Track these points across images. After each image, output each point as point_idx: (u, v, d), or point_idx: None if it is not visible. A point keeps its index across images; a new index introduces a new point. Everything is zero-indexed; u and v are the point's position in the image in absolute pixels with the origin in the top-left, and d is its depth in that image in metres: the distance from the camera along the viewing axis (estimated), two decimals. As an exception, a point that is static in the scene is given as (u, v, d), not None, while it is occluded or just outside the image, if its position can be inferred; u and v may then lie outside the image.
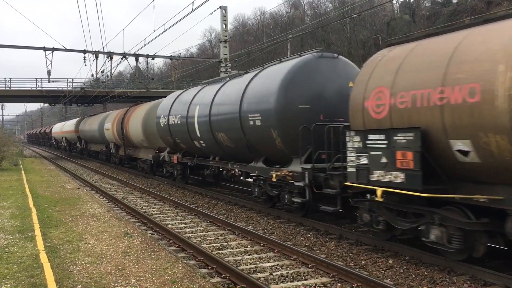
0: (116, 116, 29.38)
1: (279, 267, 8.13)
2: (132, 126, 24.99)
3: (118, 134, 27.86)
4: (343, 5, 52.41)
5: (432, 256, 7.98)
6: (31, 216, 12.32)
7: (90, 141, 39.90)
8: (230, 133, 13.81)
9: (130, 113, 26.31)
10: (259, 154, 13.01)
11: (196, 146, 16.92)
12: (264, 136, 12.03)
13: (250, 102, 12.66)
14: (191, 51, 77.68)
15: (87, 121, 40.52)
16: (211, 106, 14.95)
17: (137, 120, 24.09)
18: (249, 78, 13.52)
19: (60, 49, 27.99)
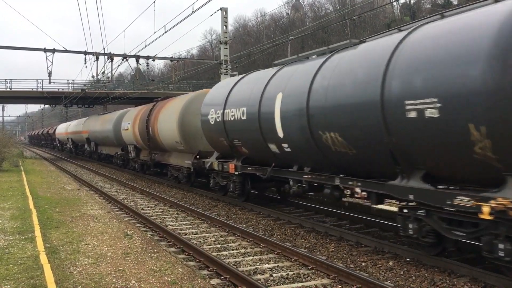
0: (139, 114, 24.71)
1: (279, 268, 8.13)
2: (162, 125, 20.45)
3: (142, 135, 23.36)
4: (344, 7, 52.43)
5: (433, 258, 7.97)
6: (31, 217, 12.32)
7: (102, 143, 35.32)
8: (353, 132, 8.81)
9: (159, 109, 21.77)
10: (414, 167, 7.83)
11: (270, 151, 12.04)
12: (444, 136, 6.96)
13: (412, 79, 7.40)
14: (191, 53, 77.79)
15: (98, 120, 35.77)
16: (310, 92, 9.97)
17: (170, 117, 19.40)
18: (396, 41, 8.20)
19: (61, 50, 28.02)
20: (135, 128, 24.46)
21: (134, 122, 24.97)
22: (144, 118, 22.94)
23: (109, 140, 31.90)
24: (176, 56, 35.16)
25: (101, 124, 33.77)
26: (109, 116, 32.77)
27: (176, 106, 19.43)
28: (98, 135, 34.76)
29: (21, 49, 29.79)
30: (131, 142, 26.24)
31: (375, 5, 48.16)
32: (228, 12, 26.85)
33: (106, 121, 32.32)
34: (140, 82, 40.31)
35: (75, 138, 45.87)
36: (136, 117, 24.81)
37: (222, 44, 27.32)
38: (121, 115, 29.21)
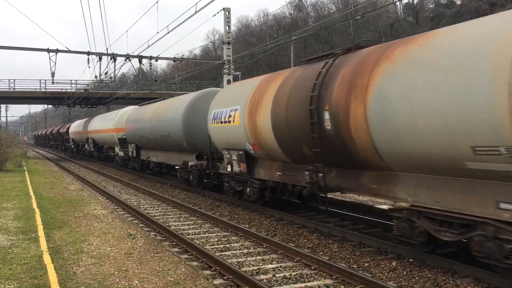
0: (276, 85, 11.62)
1: (282, 268, 8.12)
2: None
3: (294, 129, 10.56)
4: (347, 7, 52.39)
5: (436, 259, 7.95)
6: (34, 217, 12.35)
7: (156, 147, 22.13)
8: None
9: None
10: None
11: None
12: None
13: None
14: (194, 53, 77.87)
15: (144, 113, 23.83)
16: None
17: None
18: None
19: (64, 51, 28.06)
20: (263, 116, 11.67)
21: (257, 106, 12.05)
22: (304, 96, 10.02)
23: (168, 143, 19.82)
24: (179, 56, 35.18)
25: (151, 117, 22.02)
26: (167, 105, 20.95)
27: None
28: (150, 137, 22.26)
29: (24, 49, 29.89)
30: (238, 145, 13.41)
31: (378, 5, 48.10)
32: (231, 12, 26.85)
33: (164, 111, 20.51)
34: (143, 82, 40.35)
35: (99, 138, 36.18)
36: (264, 95, 11.87)
37: (225, 44, 27.32)
38: (201, 98, 17.93)
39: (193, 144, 17.74)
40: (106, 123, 33.46)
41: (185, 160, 18.29)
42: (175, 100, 20.79)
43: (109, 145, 33.74)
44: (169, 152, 20.93)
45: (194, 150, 17.85)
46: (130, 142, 26.32)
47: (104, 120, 34.58)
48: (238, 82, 17.19)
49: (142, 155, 25.01)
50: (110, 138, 31.86)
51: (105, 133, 33.00)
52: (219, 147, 14.82)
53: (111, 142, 32.13)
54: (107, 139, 33.05)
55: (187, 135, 17.86)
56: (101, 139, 35.39)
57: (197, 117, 17.39)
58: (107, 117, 34.14)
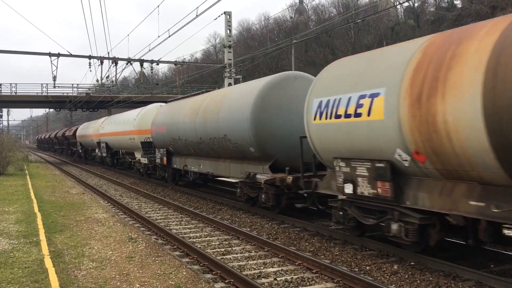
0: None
1: (283, 272, 8.11)
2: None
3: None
4: (347, 10, 52.48)
5: (438, 262, 7.94)
6: (36, 221, 12.36)
7: (199, 153, 17.20)
8: None
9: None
10: None
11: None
12: None
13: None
14: (195, 56, 78.05)
15: (184, 108, 18.31)
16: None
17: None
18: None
19: (66, 55, 28.15)
20: (458, 101, 6.58)
21: (436, 85, 6.95)
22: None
23: (222, 148, 14.95)
24: (180, 60, 35.25)
25: (194, 114, 16.84)
26: (219, 97, 15.86)
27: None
28: (184, 137, 17.65)
29: (26, 53, 29.97)
30: (375, 152, 8.52)
31: (379, 8, 48.17)
32: (232, 16, 26.95)
33: (215, 106, 15.42)
34: (144, 86, 40.40)
35: (113, 142, 31.53)
36: (455, 64, 6.74)
37: (226, 48, 27.39)
38: (278, 84, 13.31)
39: (266, 149, 12.79)
40: (124, 124, 28.37)
41: (251, 172, 13.36)
42: (234, 90, 15.59)
43: (127, 150, 28.91)
44: (219, 160, 15.82)
45: (266, 158, 12.92)
46: (159, 146, 21.45)
47: (121, 121, 29.41)
48: (365, 53, 10.37)
49: (176, 163, 20.07)
50: (129, 142, 27.17)
51: (123, 136, 28.21)
52: (327, 155, 9.65)
53: (130, 146, 27.59)
54: (125, 143, 28.29)
55: (258, 137, 12.78)
56: (117, 143, 30.59)
57: (273, 111, 12.84)
58: (125, 118, 28.92)
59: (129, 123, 27.17)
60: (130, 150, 28.22)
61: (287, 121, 12.75)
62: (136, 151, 26.59)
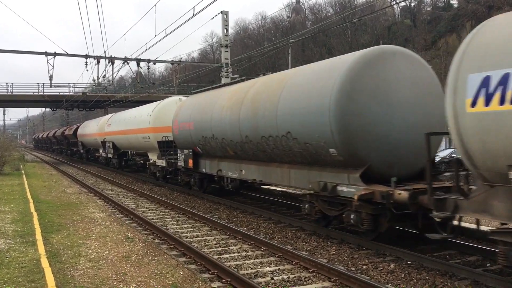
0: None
1: (280, 271, 8.12)
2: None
3: None
4: (344, 10, 52.53)
5: (434, 261, 7.96)
6: (32, 220, 12.32)
7: (241, 155, 13.91)
8: None
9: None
10: None
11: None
12: None
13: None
14: (192, 56, 77.95)
15: (221, 99, 15.09)
16: None
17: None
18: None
19: (62, 54, 28.09)
20: None
21: None
22: None
23: (281, 149, 11.57)
24: (177, 59, 35.21)
25: (235, 106, 13.61)
26: (276, 82, 12.23)
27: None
28: (221, 135, 14.47)
29: (22, 52, 29.90)
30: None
31: (376, 8, 48.24)
32: (228, 15, 26.93)
33: (270, 94, 12.01)
34: (141, 85, 40.35)
35: (122, 142, 27.84)
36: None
37: (222, 47, 27.37)
38: (376, 61, 9.71)
39: (357, 151, 9.36)
40: (135, 122, 24.90)
41: (328, 182, 10.05)
42: (300, 72, 11.74)
43: (139, 151, 25.45)
44: (272, 164, 12.35)
45: (354, 164, 9.50)
46: (182, 146, 18.01)
47: (132, 118, 25.77)
48: None
49: (205, 166, 16.51)
50: (142, 141, 23.77)
51: (135, 134, 24.75)
52: (494, 161, 6.31)
53: (143, 146, 24.16)
54: (137, 143, 24.91)
55: (345, 135, 9.36)
56: (126, 143, 27.13)
57: (367, 99, 9.30)
58: (137, 114, 25.48)
59: (143, 120, 23.48)
60: (142, 150, 24.68)
61: (386, 112, 9.31)
62: (150, 151, 23.31)
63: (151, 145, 22.54)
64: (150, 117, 22.60)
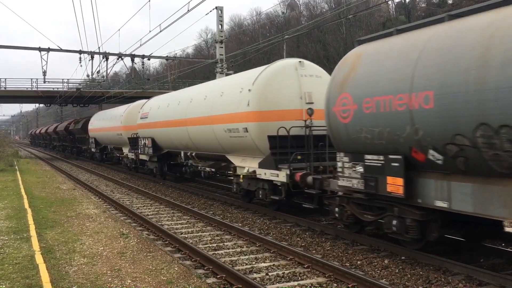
0: None
1: (275, 267, 8.14)
2: None
3: None
4: (339, 6, 52.54)
5: (428, 256, 8.01)
6: (26, 217, 12.28)
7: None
8: None
9: None
10: None
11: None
12: None
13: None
14: (187, 52, 77.66)
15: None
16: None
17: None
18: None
19: (56, 50, 27.95)
20: None
21: None
22: None
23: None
24: (172, 55, 35.14)
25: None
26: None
27: None
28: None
29: (15, 48, 29.68)
30: None
31: (370, 4, 48.26)
32: (223, 11, 26.84)
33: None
34: (136, 81, 40.20)
35: (174, 138, 18.29)
36: None
37: (217, 43, 27.30)
38: None
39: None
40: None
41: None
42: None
43: (217, 154, 15.21)
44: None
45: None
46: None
47: (204, 94, 15.78)
48: None
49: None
50: (206, 136, 15.07)
51: (212, 125, 14.50)
52: None
53: (225, 145, 14.23)
54: (201, 138, 15.72)
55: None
56: (196, 141, 16.32)
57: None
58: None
59: (232, 100, 13.55)
60: (225, 154, 14.64)
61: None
62: (254, 154, 13.03)
63: (248, 145, 13.10)
64: (248, 95, 12.74)
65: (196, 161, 17.55)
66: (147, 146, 21.32)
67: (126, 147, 26.28)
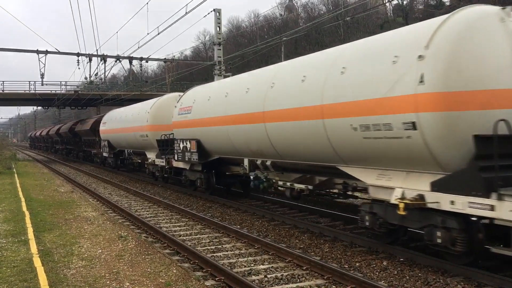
0: None
1: (273, 269, 8.13)
2: None
3: None
4: (337, 8, 52.62)
5: (426, 258, 8.00)
6: (24, 219, 12.25)
7: None
8: None
9: None
10: None
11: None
12: None
13: None
14: (185, 54, 77.71)
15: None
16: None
17: None
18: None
19: (54, 52, 27.96)
20: None
21: None
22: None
23: None
24: (170, 57, 35.16)
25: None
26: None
27: None
28: None
29: (13, 50, 29.70)
30: None
31: (368, 6, 48.36)
32: (221, 13, 26.87)
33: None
34: (134, 83, 40.20)
35: (220, 138, 13.93)
36: None
37: (215, 45, 27.33)
38: None
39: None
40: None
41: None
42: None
43: (322, 165, 10.29)
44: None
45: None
46: None
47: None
48: None
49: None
50: (354, 136, 8.59)
51: (324, 119, 9.24)
52: None
53: (348, 152, 9.06)
54: (312, 143, 9.95)
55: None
56: (260, 143, 11.98)
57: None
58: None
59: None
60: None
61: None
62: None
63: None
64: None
65: (274, 173, 12.29)
66: (189, 151, 15.93)
67: (152, 152, 21.55)
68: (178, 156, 17.17)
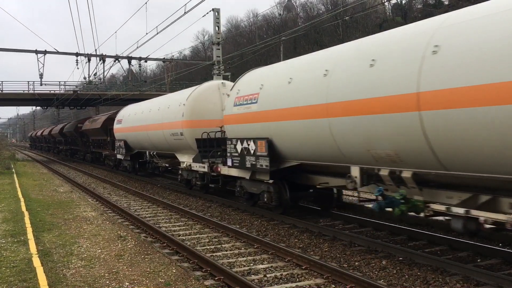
0: None
1: (273, 269, 8.14)
2: None
3: None
4: (336, 7, 52.63)
5: (426, 257, 8.02)
6: (23, 220, 12.24)
7: None
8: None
9: None
10: None
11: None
12: None
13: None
14: (184, 53, 77.68)
15: None
16: None
17: None
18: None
19: (52, 52, 27.94)
20: None
21: None
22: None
23: None
24: (169, 57, 35.18)
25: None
26: None
27: None
28: None
29: (12, 50, 29.65)
30: None
31: (367, 5, 48.37)
32: (220, 13, 26.86)
33: None
34: (133, 83, 40.18)
35: (301, 135, 10.27)
36: None
37: (214, 45, 27.32)
38: None
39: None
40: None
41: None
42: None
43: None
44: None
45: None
46: None
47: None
48: None
49: None
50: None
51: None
52: None
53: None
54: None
55: None
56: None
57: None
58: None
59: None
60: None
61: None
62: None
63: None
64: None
65: (415, 189, 7.96)
66: (253, 154, 12.25)
67: (186, 154, 18.20)
68: (234, 161, 13.32)
